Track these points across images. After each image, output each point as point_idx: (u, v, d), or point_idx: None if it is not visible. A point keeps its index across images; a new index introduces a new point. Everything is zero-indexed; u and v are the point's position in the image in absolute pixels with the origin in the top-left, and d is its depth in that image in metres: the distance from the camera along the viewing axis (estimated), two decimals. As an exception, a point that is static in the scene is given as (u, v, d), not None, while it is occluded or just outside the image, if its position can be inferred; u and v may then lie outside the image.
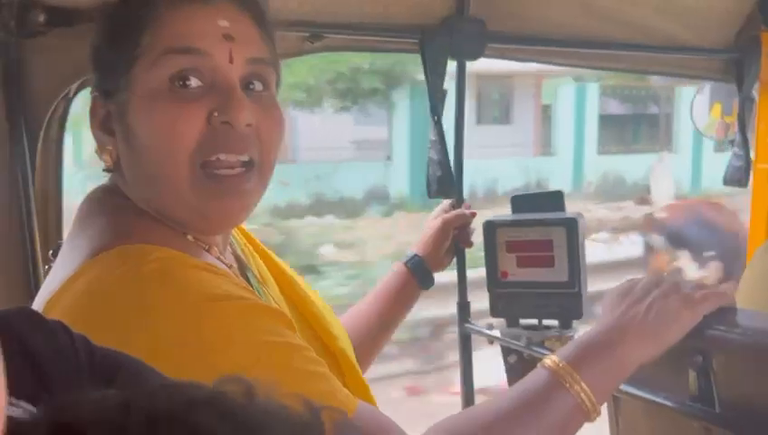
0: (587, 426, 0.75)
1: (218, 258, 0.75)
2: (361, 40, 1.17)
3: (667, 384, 0.82)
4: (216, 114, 0.67)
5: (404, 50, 1.19)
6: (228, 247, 0.80)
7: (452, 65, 1.21)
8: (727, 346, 0.75)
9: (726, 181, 1.52)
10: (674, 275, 0.85)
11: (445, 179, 1.17)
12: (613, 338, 0.74)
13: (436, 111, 1.16)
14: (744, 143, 1.48)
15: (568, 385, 0.71)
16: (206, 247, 0.74)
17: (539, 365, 0.75)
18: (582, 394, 0.71)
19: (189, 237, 0.73)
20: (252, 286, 0.77)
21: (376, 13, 1.14)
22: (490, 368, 1.41)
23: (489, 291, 1.21)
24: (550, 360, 0.74)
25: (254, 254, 0.86)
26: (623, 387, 0.85)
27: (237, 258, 0.81)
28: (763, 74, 1.47)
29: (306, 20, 1.05)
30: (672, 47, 1.37)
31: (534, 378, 0.74)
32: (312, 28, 1.06)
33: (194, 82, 0.67)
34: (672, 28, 1.35)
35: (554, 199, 1.20)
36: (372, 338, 1.09)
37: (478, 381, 1.34)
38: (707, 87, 1.78)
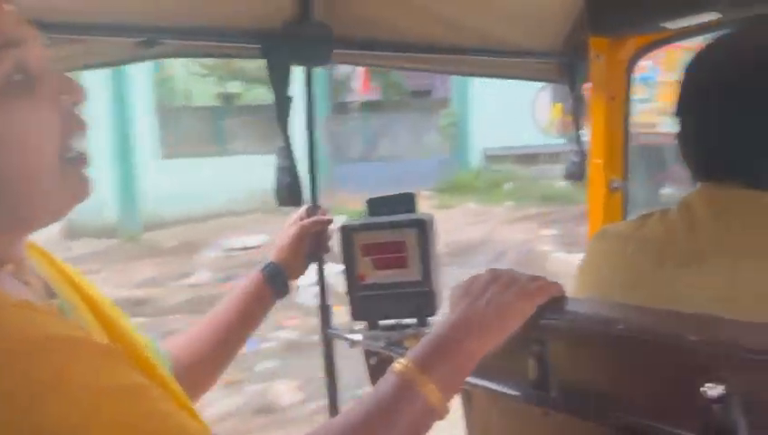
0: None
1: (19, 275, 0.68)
2: (201, 45, 1.13)
3: (512, 374, 0.86)
4: (64, 97, 0.65)
5: (248, 55, 1.17)
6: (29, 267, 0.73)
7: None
8: (560, 333, 0.80)
9: (566, 176, 1.64)
10: (511, 271, 0.90)
11: (293, 187, 1.17)
12: (456, 335, 0.77)
13: (282, 117, 1.14)
14: (578, 140, 1.59)
15: (417, 387, 0.73)
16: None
17: (388, 370, 0.76)
18: (431, 395, 0.73)
19: None
20: (62, 312, 0.71)
21: (216, 17, 1.11)
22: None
23: (348, 295, 1.22)
24: (399, 363, 0.75)
25: (59, 276, 0.78)
26: (472, 380, 0.89)
27: (42, 281, 0.74)
28: (591, 76, 1.59)
29: (140, 25, 1.00)
30: (510, 52, 1.45)
31: (384, 384, 0.75)
32: (147, 33, 1.01)
33: (30, 73, 0.64)
34: (509, 34, 1.43)
35: (407, 201, 1.23)
36: (224, 348, 1.06)
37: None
38: (549, 88, 1.89)
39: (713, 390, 0.63)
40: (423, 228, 1.15)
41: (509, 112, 8.73)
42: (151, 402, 0.61)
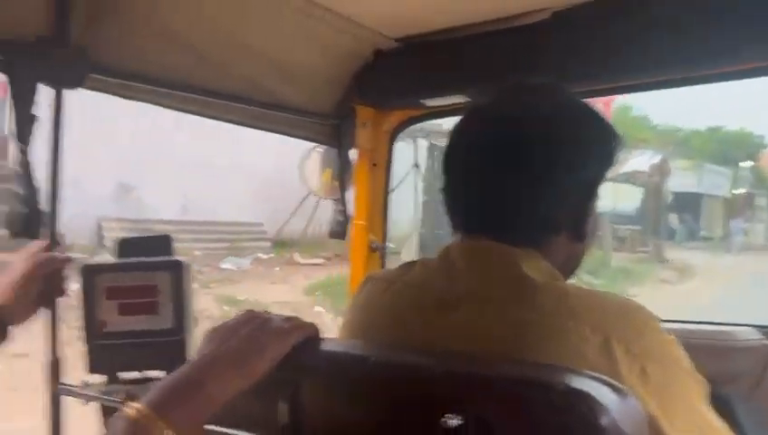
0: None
1: None
2: None
3: (264, 419, 0.82)
4: None
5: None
6: None
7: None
8: (313, 374, 0.78)
9: (331, 234, 1.68)
10: (266, 312, 0.88)
11: (32, 218, 1.03)
12: (198, 376, 0.71)
13: (24, 139, 1.02)
14: (343, 201, 1.65)
15: (150, 431, 0.66)
16: None
17: (117, 415, 0.67)
18: None
19: None
20: None
21: None
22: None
23: (86, 345, 1.09)
24: (131, 408, 0.67)
25: None
26: (222, 429, 0.83)
27: None
28: (357, 142, 1.68)
29: None
30: (281, 106, 1.47)
31: (116, 429, 0.66)
32: None
33: None
34: (281, 89, 1.45)
35: (162, 243, 1.15)
36: None
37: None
38: (317, 152, 1.95)
39: (451, 420, 0.66)
40: (178, 271, 1.08)
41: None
42: None
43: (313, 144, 1.81)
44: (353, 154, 1.71)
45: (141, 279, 1.08)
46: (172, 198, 9.87)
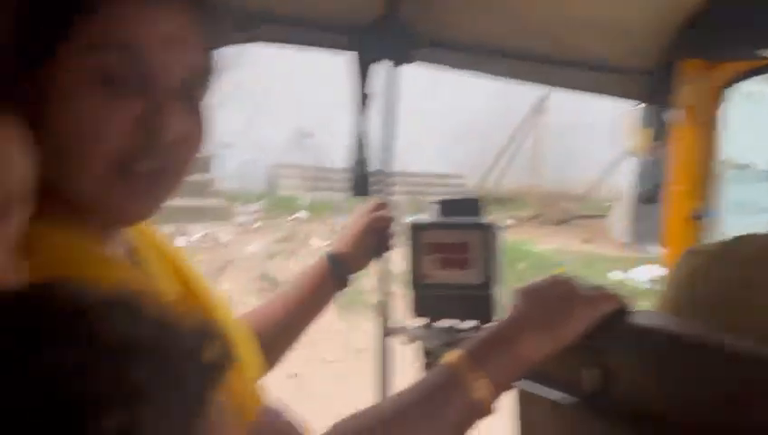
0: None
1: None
2: (292, 34, 1.18)
3: (570, 381, 0.85)
4: (143, 121, 0.63)
5: (337, 47, 1.20)
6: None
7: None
8: (622, 345, 0.78)
9: (641, 199, 1.60)
10: (575, 278, 0.89)
11: (363, 180, 1.19)
12: (512, 334, 0.76)
13: (361, 110, 1.17)
14: (659, 164, 1.55)
15: (467, 380, 0.73)
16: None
17: (441, 360, 0.76)
18: (481, 389, 0.73)
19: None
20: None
21: (310, 7, 1.15)
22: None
23: (412, 291, 1.23)
24: (451, 355, 0.75)
25: (150, 246, 0.79)
26: (529, 386, 0.88)
27: (129, 248, 0.75)
28: (682, 100, 1.54)
29: (235, 9, 1.05)
30: (598, 66, 1.43)
31: (435, 372, 0.75)
32: (243, 19, 1.06)
33: (125, 83, 0.63)
34: (597, 47, 1.41)
35: (475, 204, 1.24)
36: (290, 329, 1.07)
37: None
38: (637, 111, 1.85)
39: None
40: (487, 232, 1.16)
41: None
42: None
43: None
44: (673, 113, 1.59)
45: (456, 237, 1.18)
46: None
